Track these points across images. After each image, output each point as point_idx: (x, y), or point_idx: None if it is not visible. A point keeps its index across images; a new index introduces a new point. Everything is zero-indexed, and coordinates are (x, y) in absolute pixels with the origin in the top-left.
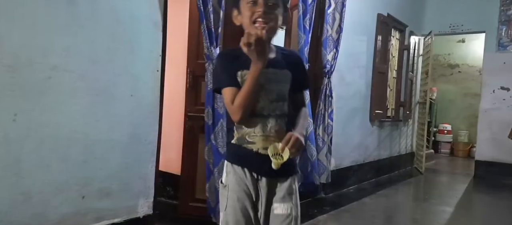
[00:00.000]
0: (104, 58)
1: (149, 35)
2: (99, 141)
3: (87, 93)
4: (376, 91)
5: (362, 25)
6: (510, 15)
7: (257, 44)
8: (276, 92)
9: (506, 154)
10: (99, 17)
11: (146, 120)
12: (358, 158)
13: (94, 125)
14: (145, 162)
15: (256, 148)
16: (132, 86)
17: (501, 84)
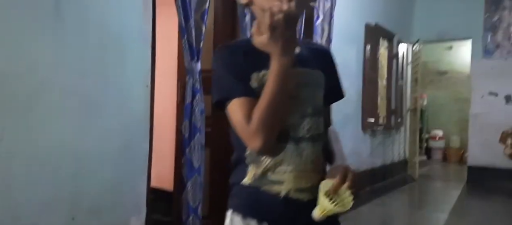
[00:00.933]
0: (93, 72)
1: (138, 49)
2: (89, 157)
3: (76, 108)
4: (367, 99)
5: (351, 35)
6: (494, 22)
7: (286, 25)
8: (311, 102)
9: (498, 159)
10: (87, 31)
11: (137, 134)
12: (352, 166)
13: (83, 141)
14: (136, 177)
15: (286, 190)
16: (122, 100)
17: (489, 90)
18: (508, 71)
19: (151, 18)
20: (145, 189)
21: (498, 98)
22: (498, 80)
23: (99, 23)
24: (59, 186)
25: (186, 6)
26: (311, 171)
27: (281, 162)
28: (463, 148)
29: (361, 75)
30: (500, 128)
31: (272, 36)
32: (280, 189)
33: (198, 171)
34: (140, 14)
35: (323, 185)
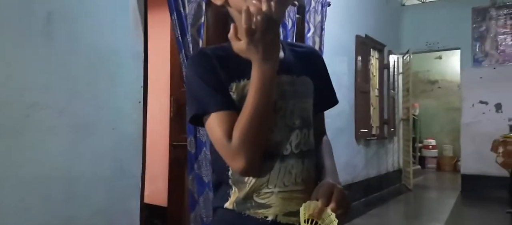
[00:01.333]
0: (84, 92)
1: (130, 66)
2: (82, 178)
3: (67, 129)
4: (359, 110)
5: (342, 47)
6: (482, 31)
7: (266, 28)
8: (298, 113)
9: (491, 167)
10: (77, 52)
11: (129, 153)
12: (347, 178)
13: (75, 162)
14: (130, 196)
15: (273, 214)
16: (114, 119)
17: (479, 98)
18: (497, 80)
19: (143, 34)
20: (138, 209)
21: (488, 107)
22: (487, 89)
23: (90, 42)
24: (51, 210)
25: (182, 21)
26: (301, 191)
27: (267, 182)
28: (456, 156)
29: (353, 86)
30: (491, 137)
31: (251, 41)
32: (267, 213)
33: (209, 186)
34: (131, 31)
35: (304, 207)
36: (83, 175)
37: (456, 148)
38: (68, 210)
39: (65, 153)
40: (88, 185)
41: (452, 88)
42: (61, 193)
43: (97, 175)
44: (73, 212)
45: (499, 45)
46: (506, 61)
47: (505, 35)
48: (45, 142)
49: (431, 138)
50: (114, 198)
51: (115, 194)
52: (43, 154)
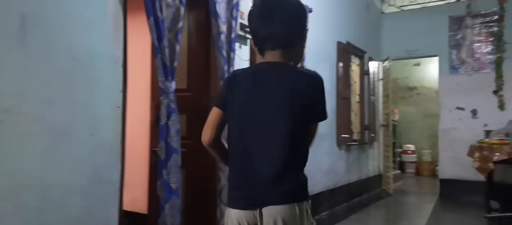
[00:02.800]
0: (60, 98)
1: (108, 71)
2: (57, 186)
3: (43, 136)
4: (340, 116)
5: (323, 53)
6: (458, 39)
7: None
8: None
9: (468, 171)
10: (54, 56)
11: (107, 159)
12: (329, 183)
13: (51, 170)
14: (108, 204)
15: None
16: (91, 125)
17: (456, 105)
18: (473, 87)
19: (122, 38)
20: (117, 216)
21: (465, 113)
22: (464, 96)
23: (66, 46)
24: (23, 220)
25: (159, 26)
26: None
27: None
28: (434, 161)
29: (335, 92)
30: (468, 142)
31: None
32: None
33: (177, 193)
34: (110, 35)
35: None
36: (59, 183)
37: (435, 153)
38: (42, 220)
39: (40, 160)
40: (64, 193)
41: (430, 94)
42: (35, 202)
43: (73, 183)
44: (48, 221)
45: (475, 53)
46: (481, 68)
47: (480, 43)
48: (19, 149)
49: (410, 144)
50: (91, 207)
51: (92, 202)
52: (16, 161)
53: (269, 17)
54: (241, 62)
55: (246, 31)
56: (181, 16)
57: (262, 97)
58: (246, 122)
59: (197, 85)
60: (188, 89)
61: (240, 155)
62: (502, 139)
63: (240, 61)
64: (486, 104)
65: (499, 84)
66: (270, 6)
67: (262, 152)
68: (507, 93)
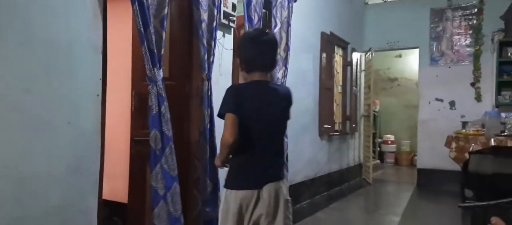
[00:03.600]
0: (38, 86)
1: (87, 58)
2: (34, 176)
3: (20, 125)
4: (323, 106)
5: (307, 44)
6: (439, 32)
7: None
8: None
9: (444, 161)
10: (31, 44)
11: (87, 149)
12: (310, 173)
13: (28, 159)
14: (87, 194)
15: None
16: (70, 114)
17: (435, 96)
18: (452, 78)
19: (102, 25)
20: (96, 206)
21: (443, 104)
22: (443, 87)
23: (45, 35)
24: (2, 209)
25: (144, 12)
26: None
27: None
28: (413, 151)
29: (318, 82)
30: (445, 133)
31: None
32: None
33: (177, 180)
34: (89, 22)
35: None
36: (37, 173)
37: (413, 143)
38: (17, 211)
39: (17, 150)
40: (42, 184)
41: (410, 86)
42: (12, 193)
43: (51, 173)
44: (25, 212)
45: (454, 45)
46: (460, 60)
47: (459, 35)
48: None
49: (390, 134)
50: (70, 197)
51: (71, 192)
52: None
53: (266, 50)
54: (223, 51)
55: (230, 20)
56: (166, 2)
57: (268, 106)
58: (259, 124)
59: (179, 74)
60: (170, 78)
61: (253, 150)
62: (478, 130)
63: (223, 50)
64: (463, 96)
65: (477, 76)
66: (265, 40)
67: (270, 147)
68: (484, 85)
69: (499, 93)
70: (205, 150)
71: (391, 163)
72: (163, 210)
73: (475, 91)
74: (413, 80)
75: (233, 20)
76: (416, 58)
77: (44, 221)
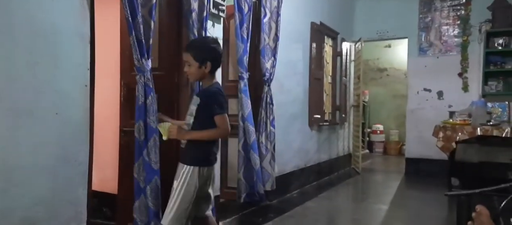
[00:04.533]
0: (23, 74)
1: (75, 47)
2: (21, 167)
3: (5, 114)
4: (313, 96)
5: (297, 34)
6: (427, 22)
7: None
8: (190, 110)
9: (432, 150)
10: (15, 31)
11: (75, 139)
12: (300, 163)
13: (14, 150)
14: (75, 185)
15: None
16: (57, 103)
17: (424, 86)
18: (440, 69)
19: (89, 13)
20: (86, 196)
21: (431, 94)
22: (431, 77)
23: (29, 22)
24: None
25: (132, 1)
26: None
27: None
28: (401, 141)
29: (308, 72)
30: (433, 122)
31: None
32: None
33: (158, 173)
34: (76, 10)
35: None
36: (23, 164)
37: (402, 133)
38: (6, 201)
39: (3, 140)
40: (29, 174)
41: (399, 76)
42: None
43: (39, 163)
44: (12, 203)
45: (442, 36)
46: (448, 51)
47: (447, 26)
48: None
49: (379, 124)
50: (58, 187)
51: (59, 183)
52: None
53: (221, 54)
54: None
55: (219, 9)
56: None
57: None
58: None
59: (168, 64)
60: (160, 68)
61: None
62: (465, 120)
63: None
64: (451, 86)
65: (464, 66)
66: (220, 46)
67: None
68: (471, 75)
69: (486, 83)
70: None
71: (380, 152)
72: (142, 203)
73: (463, 81)
74: (402, 70)
75: (222, 9)
76: (405, 48)
77: (32, 211)
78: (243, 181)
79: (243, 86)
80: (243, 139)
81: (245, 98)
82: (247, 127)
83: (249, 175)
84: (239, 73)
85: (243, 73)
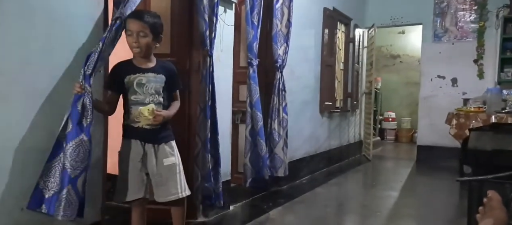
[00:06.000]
0: (39, 59)
1: (88, 34)
2: (37, 149)
3: (22, 98)
4: (324, 83)
5: (309, 20)
6: (443, 7)
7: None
8: (153, 89)
9: (444, 138)
10: (30, 15)
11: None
12: (310, 149)
13: (32, 132)
14: (92, 166)
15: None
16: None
17: (438, 73)
18: (455, 55)
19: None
20: (101, 178)
21: (445, 81)
22: (445, 64)
23: (44, 6)
24: (6, 179)
25: None
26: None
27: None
28: (413, 129)
29: (320, 59)
30: (446, 110)
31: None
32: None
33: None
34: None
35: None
36: (40, 147)
37: (414, 120)
38: (24, 181)
39: (20, 122)
40: (44, 157)
41: (412, 62)
42: (17, 164)
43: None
44: (30, 182)
45: (458, 21)
46: (464, 37)
47: (464, 11)
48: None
49: (391, 111)
50: None
51: None
52: None
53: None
54: (225, 27)
55: None
56: None
57: None
58: None
59: (180, 50)
60: (172, 54)
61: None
62: (479, 107)
63: (225, 26)
64: (466, 73)
65: (480, 53)
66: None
67: None
68: (487, 62)
69: (502, 70)
70: (205, 126)
71: (392, 140)
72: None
73: (478, 68)
74: (416, 57)
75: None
76: (419, 34)
77: None
78: (249, 166)
79: (251, 73)
80: (250, 125)
81: (254, 84)
82: (254, 114)
83: (256, 161)
84: (249, 60)
85: (253, 60)
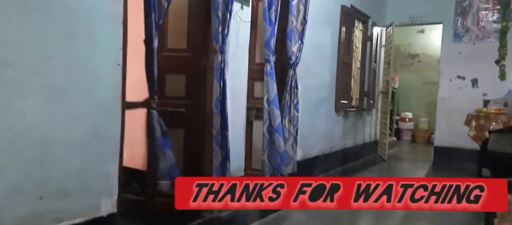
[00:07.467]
0: (58, 53)
1: (108, 27)
2: (57, 140)
3: (41, 90)
4: (340, 81)
5: (326, 17)
6: (465, 6)
7: None
8: None
9: (462, 140)
10: (50, 9)
11: (107, 116)
12: (324, 147)
13: (50, 124)
14: (107, 160)
15: None
16: (90, 81)
17: (457, 73)
18: (476, 56)
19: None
20: (117, 171)
21: (465, 82)
22: (466, 64)
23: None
24: (26, 169)
25: None
26: None
27: None
28: (431, 129)
29: (336, 57)
30: (465, 111)
31: None
32: None
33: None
34: None
35: None
36: (58, 138)
37: (431, 121)
38: (42, 172)
39: (39, 114)
40: (63, 148)
41: (431, 62)
42: (35, 154)
43: (73, 138)
44: (48, 173)
45: (480, 21)
46: (485, 37)
47: (486, 11)
48: (18, 102)
49: (408, 111)
50: (90, 161)
51: (91, 157)
52: (16, 114)
53: None
54: (242, 24)
55: None
56: None
57: None
58: None
59: (196, 46)
60: (188, 49)
61: None
62: (500, 109)
63: (241, 22)
64: (487, 74)
65: (502, 53)
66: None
67: None
68: (509, 63)
69: None
70: (216, 121)
71: (408, 140)
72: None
73: (499, 69)
74: (435, 57)
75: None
76: (439, 33)
77: (65, 183)
78: (268, 163)
79: (269, 69)
80: (268, 122)
81: (271, 81)
82: (272, 110)
83: (273, 158)
84: (266, 56)
85: (270, 56)
